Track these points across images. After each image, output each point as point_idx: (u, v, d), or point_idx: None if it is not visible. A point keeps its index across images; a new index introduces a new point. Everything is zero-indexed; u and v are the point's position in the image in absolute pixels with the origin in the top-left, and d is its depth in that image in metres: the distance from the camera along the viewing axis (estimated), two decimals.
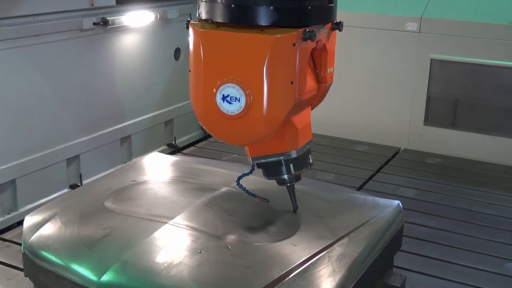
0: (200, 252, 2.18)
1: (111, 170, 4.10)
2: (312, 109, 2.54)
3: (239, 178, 2.51)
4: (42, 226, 2.36)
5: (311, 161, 2.51)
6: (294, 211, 2.48)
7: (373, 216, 2.47)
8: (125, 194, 2.60)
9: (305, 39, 2.17)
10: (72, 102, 3.96)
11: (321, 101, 2.56)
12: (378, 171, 4.40)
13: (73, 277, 2.09)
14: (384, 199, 2.70)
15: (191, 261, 2.13)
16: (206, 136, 5.50)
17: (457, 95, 4.74)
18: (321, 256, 2.16)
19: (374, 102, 5.00)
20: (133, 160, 4.39)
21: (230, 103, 2.19)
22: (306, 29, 2.17)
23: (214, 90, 2.19)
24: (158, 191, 2.67)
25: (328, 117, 5.16)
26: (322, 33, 2.32)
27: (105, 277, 2.03)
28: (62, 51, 3.82)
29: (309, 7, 2.21)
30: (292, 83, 2.20)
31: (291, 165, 2.41)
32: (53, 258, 2.18)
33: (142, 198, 2.59)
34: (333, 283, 2.03)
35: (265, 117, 2.19)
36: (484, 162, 4.60)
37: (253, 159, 2.43)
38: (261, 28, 2.16)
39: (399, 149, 4.87)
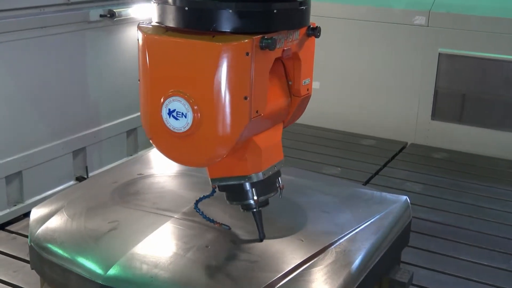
0: (206, 247, 2.17)
1: (117, 163, 4.10)
2: (286, 126, 2.31)
3: (197, 202, 2.27)
4: (49, 219, 2.36)
5: (281, 184, 2.23)
6: (261, 240, 2.20)
7: (381, 212, 2.46)
8: (132, 188, 2.59)
9: (262, 48, 1.88)
10: (78, 94, 3.96)
11: (298, 116, 2.30)
12: (384, 165, 4.38)
13: (79, 271, 2.08)
14: (391, 194, 2.69)
15: (197, 255, 2.12)
16: None
17: (465, 89, 4.72)
18: (328, 252, 2.15)
19: (381, 96, 4.97)
20: (139, 153, 4.38)
21: (177, 119, 1.93)
22: (264, 36, 1.89)
23: (160, 104, 1.94)
24: (165, 185, 2.66)
25: (335, 111, 5.15)
26: (290, 40, 2.05)
27: (112, 271, 2.03)
28: (69, 43, 3.81)
29: (270, 11, 1.91)
30: (245, 98, 1.90)
31: (253, 189, 2.13)
32: (59, 251, 2.18)
33: (148, 191, 2.58)
34: (340, 279, 2.02)
35: (215, 137, 1.94)
36: (491, 157, 4.58)
37: (212, 180, 2.16)
38: (212, 34, 1.89)
39: (406, 143, 4.85)
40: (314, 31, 2.15)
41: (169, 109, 1.93)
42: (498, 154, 4.59)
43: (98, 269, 2.05)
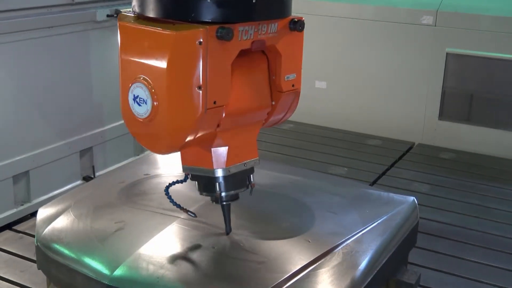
0: (212, 247, 2.17)
1: (124, 162, 4.10)
2: (273, 125, 2.28)
3: (168, 186, 2.27)
4: (55, 219, 2.36)
5: (252, 182, 2.21)
6: (227, 234, 2.23)
7: (388, 212, 2.45)
8: (138, 188, 2.59)
9: (218, 38, 1.86)
10: (85, 93, 3.96)
11: (286, 114, 2.27)
12: (391, 166, 4.37)
13: (85, 271, 2.08)
14: (399, 195, 2.68)
15: (203, 256, 2.12)
16: None
17: (473, 89, 4.70)
18: (335, 253, 2.14)
19: (388, 96, 4.96)
20: (146, 153, 4.38)
21: (139, 105, 1.96)
22: (220, 26, 1.87)
23: (127, 90, 1.99)
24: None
25: (341, 111, 5.14)
26: (263, 32, 2.01)
27: (118, 272, 2.03)
28: (76, 43, 3.82)
29: (233, 1, 1.90)
30: (199, 88, 1.89)
31: (219, 183, 2.14)
32: (65, 251, 2.18)
33: (154, 192, 2.58)
34: (347, 280, 2.01)
35: (170, 126, 1.95)
36: (498, 157, 4.56)
37: (183, 167, 2.19)
38: (174, 23, 1.90)
39: (413, 143, 4.83)
40: (295, 25, 2.08)
41: (134, 95, 1.98)
42: (506, 154, 4.57)
43: (104, 270, 2.05)
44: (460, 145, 4.71)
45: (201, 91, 1.90)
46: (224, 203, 2.18)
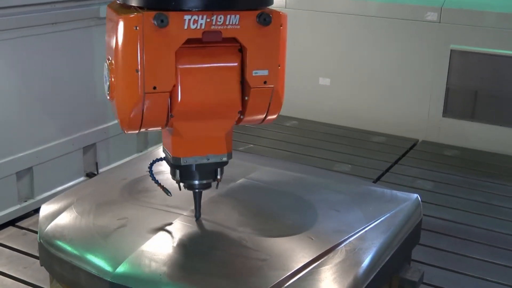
0: (215, 244, 2.16)
1: (127, 159, 4.10)
2: (256, 123, 2.23)
3: (151, 164, 2.31)
4: (58, 216, 2.35)
5: (219, 176, 2.22)
6: (196, 219, 2.28)
7: (391, 210, 2.44)
8: (141, 185, 2.59)
9: (156, 24, 1.90)
10: (88, 90, 3.96)
11: (270, 115, 2.18)
12: (395, 163, 4.37)
13: (88, 268, 2.08)
14: (402, 192, 2.67)
15: (206, 253, 2.12)
16: None
17: (477, 86, 4.68)
18: (338, 250, 2.14)
19: (392, 93, 4.95)
20: (149, 149, 4.38)
21: (106, 83, 2.06)
22: (157, 13, 1.90)
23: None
24: (174, 182, 2.65)
25: (345, 108, 5.13)
26: (219, 23, 1.98)
27: (121, 268, 2.03)
28: (79, 39, 3.81)
29: None
30: (136, 71, 1.94)
31: (177, 171, 2.17)
32: (68, 248, 2.17)
33: (157, 188, 2.56)
34: (349, 278, 2.01)
35: (119, 105, 2.03)
36: (503, 154, 4.55)
37: (163, 149, 2.26)
38: (133, 8, 1.96)
39: (417, 140, 4.83)
40: (260, 19, 2.00)
41: (104, 74, 2.06)
42: (510, 151, 4.56)
43: (107, 267, 2.05)
44: (464, 142, 4.70)
45: (139, 74, 1.95)
46: (183, 186, 2.23)
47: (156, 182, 2.31)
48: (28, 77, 3.53)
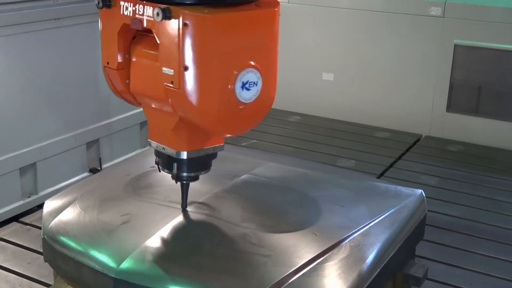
0: (219, 240, 2.16)
1: (130, 155, 4.11)
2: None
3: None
4: (62, 212, 2.35)
5: (173, 171, 2.18)
6: (182, 209, 2.29)
7: (396, 205, 2.43)
8: (144, 181, 2.58)
9: (101, 5, 2.07)
10: (91, 85, 3.96)
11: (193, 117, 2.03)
12: (399, 158, 4.36)
13: (92, 264, 2.07)
14: (406, 187, 2.66)
15: (210, 249, 2.11)
16: None
17: (481, 81, 4.67)
18: (342, 246, 2.13)
19: (396, 88, 4.94)
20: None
21: None
22: None
23: None
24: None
25: (349, 103, 5.12)
26: (140, 13, 1.96)
27: (124, 264, 2.02)
28: (82, 35, 3.81)
29: None
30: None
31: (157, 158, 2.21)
32: (72, 244, 2.17)
33: (161, 184, 2.56)
34: (354, 274, 2.00)
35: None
36: (507, 150, 4.54)
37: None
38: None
39: (421, 136, 4.81)
40: (162, 11, 1.87)
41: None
42: None
43: (111, 262, 2.05)
44: (468, 137, 4.68)
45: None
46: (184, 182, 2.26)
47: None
48: (31, 73, 3.53)
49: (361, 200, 2.48)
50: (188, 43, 1.88)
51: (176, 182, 2.26)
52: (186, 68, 1.89)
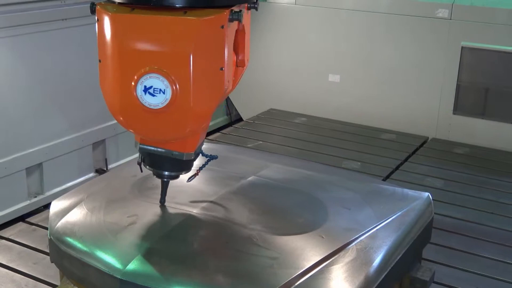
0: (226, 242, 2.16)
1: (137, 155, 4.09)
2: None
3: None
4: (68, 212, 2.36)
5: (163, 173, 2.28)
6: (160, 203, 2.35)
7: (403, 208, 2.43)
8: (151, 182, 2.58)
9: (231, 21, 1.95)
10: (97, 86, 3.94)
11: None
12: (405, 160, 4.34)
13: (98, 265, 2.08)
14: (413, 190, 2.66)
15: (216, 251, 2.11)
16: (232, 122, 5.49)
17: (488, 84, 4.65)
18: (349, 249, 2.13)
19: (402, 89, 4.92)
20: None
21: (154, 96, 1.97)
22: (232, 10, 1.95)
23: (135, 81, 1.98)
24: (184, 179, 2.65)
25: (355, 105, 5.11)
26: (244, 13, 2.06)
27: (131, 266, 2.02)
28: (89, 35, 3.80)
29: None
30: (221, 69, 2.02)
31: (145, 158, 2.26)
32: (78, 245, 2.18)
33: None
34: (360, 277, 2.00)
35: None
36: None
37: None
38: (184, 10, 1.93)
39: (427, 138, 4.80)
40: (255, 4, 2.11)
41: (145, 86, 1.96)
42: None
43: (117, 264, 2.05)
44: (475, 140, 4.67)
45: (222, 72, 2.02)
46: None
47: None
48: (38, 73, 3.54)
49: (368, 203, 2.48)
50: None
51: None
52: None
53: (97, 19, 2.02)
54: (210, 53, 1.94)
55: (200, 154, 2.31)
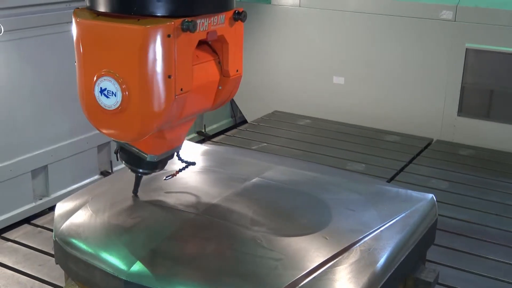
0: (230, 243, 2.16)
1: None
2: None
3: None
4: (73, 214, 2.37)
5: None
6: (133, 193, 2.46)
7: (407, 210, 2.43)
8: (155, 184, 2.59)
9: (183, 30, 2.01)
10: None
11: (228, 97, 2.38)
12: (410, 162, 4.34)
13: (103, 266, 2.09)
14: (417, 192, 2.65)
15: (220, 252, 2.12)
16: (236, 125, 5.50)
17: (492, 85, 4.65)
18: (352, 250, 2.13)
19: (407, 91, 4.93)
20: None
21: (108, 97, 2.09)
22: (185, 19, 2.02)
23: (93, 83, 2.11)
24: (188, 181, 2.66)
25: (360, 107, 5.11)
26: (215, 23, 2.15)
27: (135, 267, 2.03)
28: None
29: None
30: (169, 77, 2.09)
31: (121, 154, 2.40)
32: (83, 246, 2.19)
33: (171, 187, 2.57)
34: (364, 278, 2.00)
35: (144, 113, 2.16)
36: None
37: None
38: (138, 18, 2.02)
39: (432, 140, 4.80)
40: (240, 15, 2.22)
41: (101, 88, 2.09)
42: None
43: (121, 265, 2.06)
44: (479, 141, 4.66)
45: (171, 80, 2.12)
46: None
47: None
48: (43, 76, 3.55)
49: (372, 204, 2.48)
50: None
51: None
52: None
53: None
54: (158, 61, 2.02)
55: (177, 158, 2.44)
